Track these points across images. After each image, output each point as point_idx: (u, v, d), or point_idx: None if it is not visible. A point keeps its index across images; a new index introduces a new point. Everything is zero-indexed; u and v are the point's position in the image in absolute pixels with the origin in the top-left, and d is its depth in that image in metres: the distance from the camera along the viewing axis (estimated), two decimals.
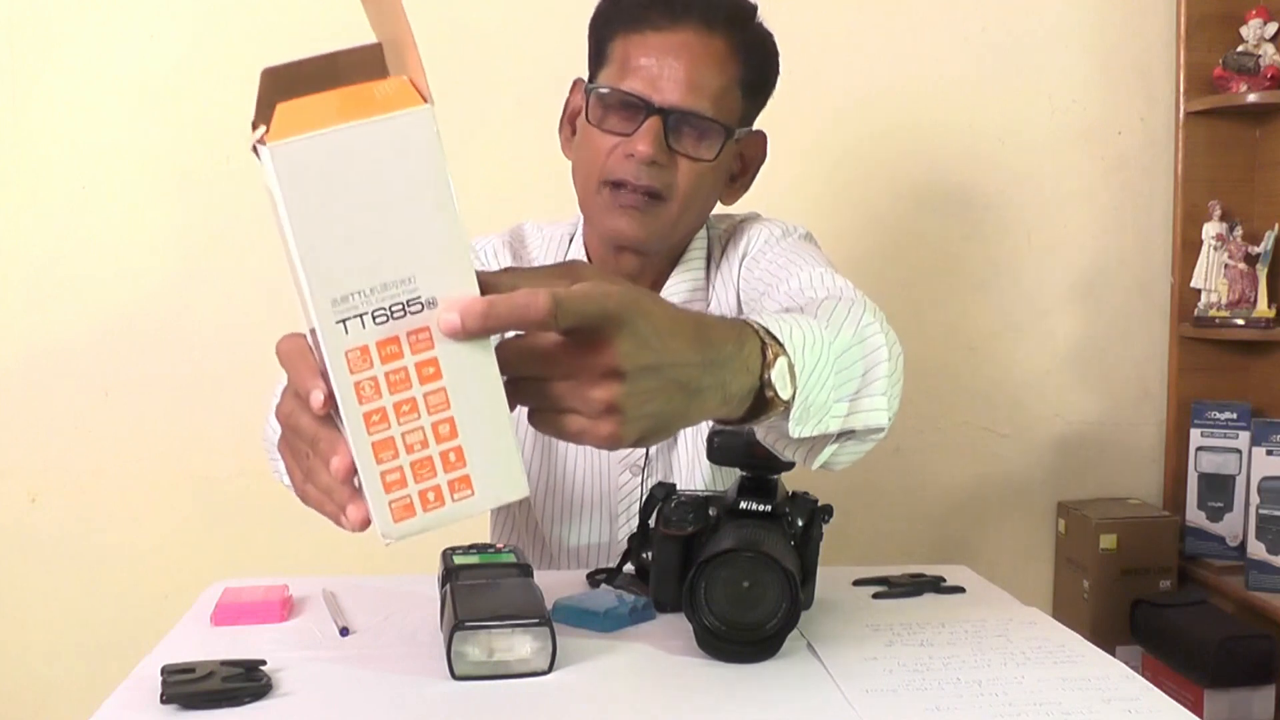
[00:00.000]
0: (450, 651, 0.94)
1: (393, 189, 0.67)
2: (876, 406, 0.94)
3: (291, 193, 0.65)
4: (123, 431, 2.10)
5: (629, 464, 1.37)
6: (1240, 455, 2.16)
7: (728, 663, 0.99)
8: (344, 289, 0.67)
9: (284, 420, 0.78)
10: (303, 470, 0.78)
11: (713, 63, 1.25)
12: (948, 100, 2.22)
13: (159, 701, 0.89)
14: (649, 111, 1.23)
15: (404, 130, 0.66)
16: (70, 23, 2.06)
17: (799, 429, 0.88)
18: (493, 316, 0.68)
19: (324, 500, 0.75)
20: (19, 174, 2.07)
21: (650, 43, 1.24)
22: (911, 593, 1.22)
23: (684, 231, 1.33)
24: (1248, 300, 2.19)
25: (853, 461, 1.02)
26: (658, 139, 1.22)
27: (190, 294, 2.08)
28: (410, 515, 0.70)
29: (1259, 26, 2.18)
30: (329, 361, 0.67)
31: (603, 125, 1.26)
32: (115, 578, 2.12)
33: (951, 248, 2.25)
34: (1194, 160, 2.25)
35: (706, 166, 1.26)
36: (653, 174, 1.23)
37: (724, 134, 1.26)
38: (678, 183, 1.25)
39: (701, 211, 1.32)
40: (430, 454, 0.69)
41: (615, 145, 1.25)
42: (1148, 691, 0.94)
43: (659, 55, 1.24)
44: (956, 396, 2.26)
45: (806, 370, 0.87)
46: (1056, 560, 2.31)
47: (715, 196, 1.33)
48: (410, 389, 0.69)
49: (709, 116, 1.24)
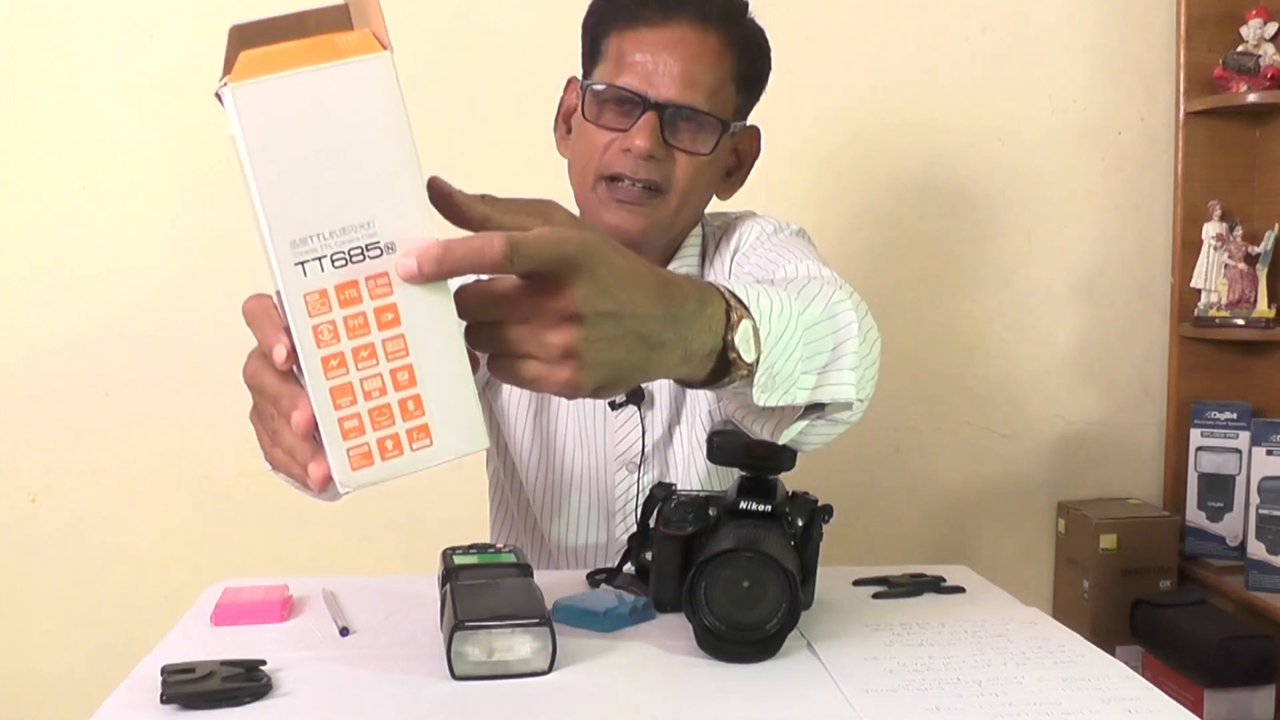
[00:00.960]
0: (450, 651, 0.94)
1: (352, 133, 0.67)
2: (845, 381, 0.93)
3: (251, 134, 0.66)
4: (123, 431, 2.10)
5: (625, 461, 1.37)
6: (1240, 455, 2.16)
7: (728, 663, 0.99)
8: (303, 231, 0.66)
9: (250, 381, 0.78)
10: (269, 433, 0.77)
11: (707, 58, 1.26)
12: (948, 100, 2.22)
13: (159, 701, 0.89)
14: (645, 106, 1.24)
15: (363, 74, 0.66)
16: (70, 23, 2.06)
17: (764, 397, 0.87)
18: (448, 261, 0.68)
19: (289, 462, 0.75)
20: (19, 174, 2.07)
21: (645, 39, 1.25)
22: (911, 593, 1.22)
23: (681, 226, 1.33)
24: (1248, 300, 2.19)
25: (822, 444, 1.01)
26: (654, 134, 1.23)
27: (190, 294, 2.08)
28: (368, 464, 0.69)
29: (1259, 26, 2.18)
30: (288, 305, 0.67)
31: (599, 121, 1.27)
32: (115, 578, 2.12)
33: (951, 248, 2.25)
34: (1194, 160, 2.25)
35: (703, 161, 1.27)
36: (650, 168, 1.24)
37: (720, 128, 1.27)
38: (675, 177, 1.26)
39: (698, 206, 1.33)
40: (389, 401, 0.69)
41: (611, 141, 1.26)
42: (1148, 691, 0.94)
43: (654, 51, 1.25)
44: (956, 396, 2.26)
45: (773, 337, 0.87)
46: (1056, 560, 2.31)
47: (712, 191, 1.34)
48: (369, 334, 0.68)
49: (705, 111, 1.25)
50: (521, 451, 1.41)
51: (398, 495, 1.35)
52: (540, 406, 1.40)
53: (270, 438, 0.78)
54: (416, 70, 2.01)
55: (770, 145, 1.38)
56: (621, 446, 1.37)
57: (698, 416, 1.37)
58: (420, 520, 2.03)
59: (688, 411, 1.38)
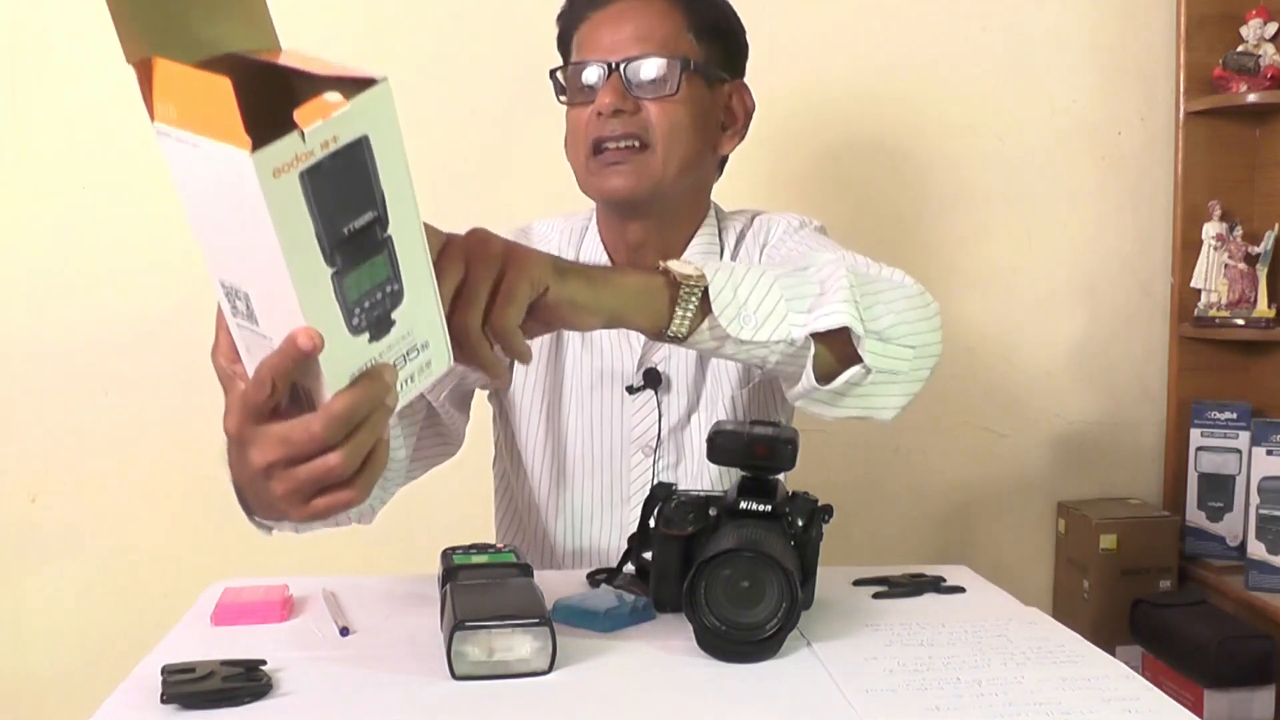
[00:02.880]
0: (450, 651, 0.94)
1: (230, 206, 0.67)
2: (836, 310, 1.01)
3: (173, 168, 0.70)
4: (123, 431, 2.10)
5: (641, 445, 1.39)
6: (1240, 455, 2.16)
7: (728, 663, 0.99)
8: (218, 272, 0.73)
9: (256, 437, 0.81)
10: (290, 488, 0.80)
11: (654, 16, 1.32)
12: (948, 100, 2.22)
13: (159, 701, 0.89)
14: (608, 71, 1.30)
15: (229, 161, 0.65)
16: (70, 23, 2.06)
17: (742, 329, 0.98)
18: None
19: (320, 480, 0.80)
20: (19, 174, 2.07)
21: (597, 21, 1.33)
22: (911, 593, 1.22)
23: (674, 177, 1.33)
24: (1248, 300, 2.20)
25: (901, 406, 1.10)
26: (617, 89, 1.29)
27: (190, 294, 2.07)
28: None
29: (1259, 26, 2.18)
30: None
31: (575, 101, 1.33)
32: (115, 578, 2.12)
33: (951, 248, 2.25)
34: (1194, 160, 2.25)
35: (675, 105, 1.30)
36: (625, 123, 1.29)
37: (680, 66, 1.30)
38: (653, 126, 1.30)
39: (688, 156, 1.33)
40: None
41: (589, 114, 1.31)
42: (1147, 691, 0.94)
43: (606, 26, 1.32)
44: (956, 396, 2.26)
45: (738, 277, 0.99)
46: (1056, 560, 2.31)
47: (702, 141, 1.35)
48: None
49: (659, 55, 1.30)
50: (533, 442, 1.42)
51: (398, 495, 1.36)
52: (553, 396, 1.41)
53: (294, 483, 0.80)
54: (418, 76, 2.01)
55: (770, 145, 1.38)
56: (638, 430, 1.39)
57: (719, 402, 1.39)
58: (420, 520, 2.03)
59: (707, 397, 1.40)
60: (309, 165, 0.65)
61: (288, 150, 0.64)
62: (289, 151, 0.64)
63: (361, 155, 0.68)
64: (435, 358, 0.82)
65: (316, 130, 0.65)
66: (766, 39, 1.49)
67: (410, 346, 0.79)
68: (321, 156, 0.66)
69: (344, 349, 0.74)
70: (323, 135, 0.65)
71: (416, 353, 0.80)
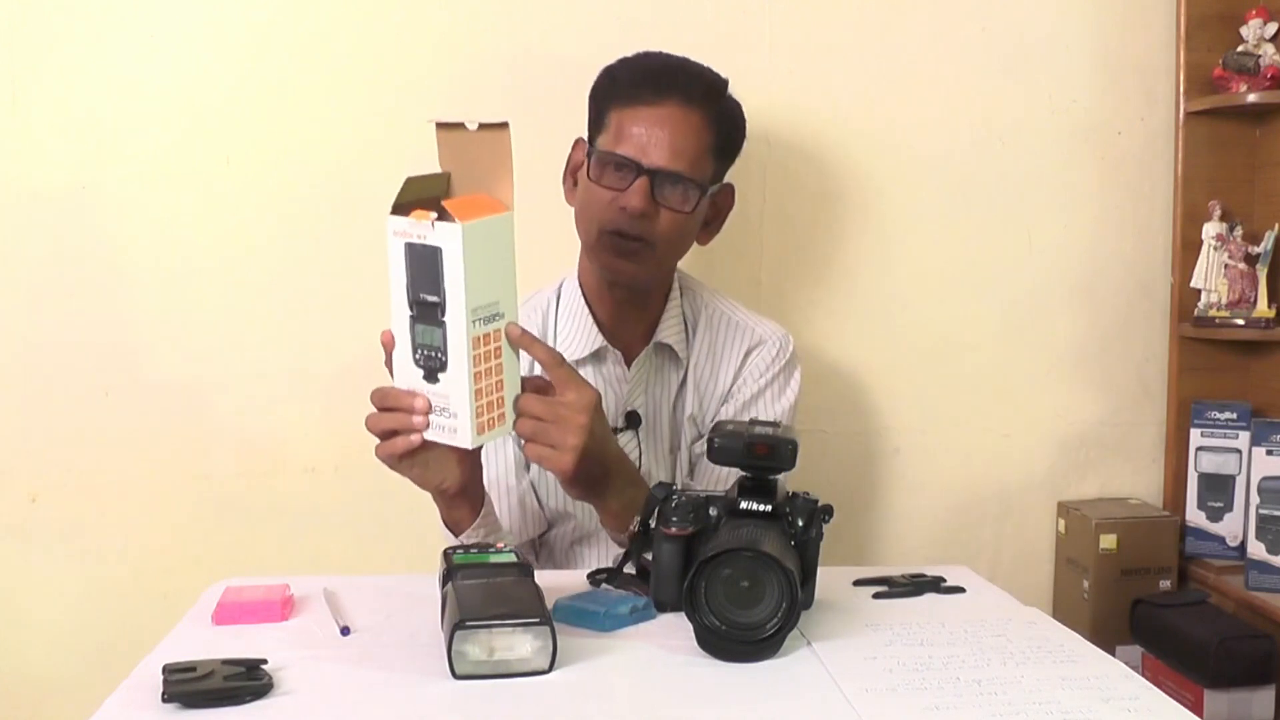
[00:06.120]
0: (450, 651, 0.94)
1: (495, 253, 1.15)
2: None
3: (468, 250, 1.10)
4: (123, 431, 2.10)
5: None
6: (1240, 455, 2.16)
7: (728, 662, 0.99)
8: (476, 303, 1.13)
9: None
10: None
11: (690, 132, 1.49)
12: (948, 100, 2.22)
13: (160, 700, 0.89)
14: (639, 172, 1.47)
15: (505, 223, 1.16)
16: (70, 23, 2.05)
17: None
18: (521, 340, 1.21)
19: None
20: (19, 174, 2.07)
21: (640, 115, 1.49)
22: (911, 593, 1.22)
23: (667, 270, 1.60)
24: (1248, 300, 2.19)
25: None
26: (646, 195, 1.47)
27: (190, 294, 2.07)
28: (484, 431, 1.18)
29: (1259, 26, 2.18)
30: (463, 339, 1.13)
31: (601, 181, 1.50)
32: (115, 578, 2.11)
33: (951, 248, 2.24)
34: (1194, 160, 2.25)
35: (685, 219, 1.51)
36: (642, 225, 1.48)
37: (700, 191, 1.51)
38: (660, 230, 1.49)
39: (679, 251, 1.58)
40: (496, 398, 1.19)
41: (612, 199, 1.48)
42: (1147, 691, 0.94)
43: (647, 125, 1.48)
44: (957, 396, 2.26)
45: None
46: (1056, 560, 2.31)
47: (690, 239, 1.58)
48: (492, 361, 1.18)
49: (688, 176, 1.49)
50: (534, 468, 1.59)
51: (398, 495, 1.36)
52: None
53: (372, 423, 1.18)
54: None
55: (770, 145, 1.39)
56: None
57: (685, 445, 1.62)
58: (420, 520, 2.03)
59: (675, 436, 1.62)
60: (407, 241, 1.12)
61: (401, 224, 1.12)
62: (402, 225, 1.12)
63: (435, 258, 1.11)
64: (460, 431, 1.15)
65: (413, 224, 1.11)
66: (768, 39, 1.50)
67: (444, 407, 1.16)
68: (414, 240, 1.12)
69: (407, 368, 1.17)
70: (418, 230, 1.11)
71: (450, 416, 1.15)
